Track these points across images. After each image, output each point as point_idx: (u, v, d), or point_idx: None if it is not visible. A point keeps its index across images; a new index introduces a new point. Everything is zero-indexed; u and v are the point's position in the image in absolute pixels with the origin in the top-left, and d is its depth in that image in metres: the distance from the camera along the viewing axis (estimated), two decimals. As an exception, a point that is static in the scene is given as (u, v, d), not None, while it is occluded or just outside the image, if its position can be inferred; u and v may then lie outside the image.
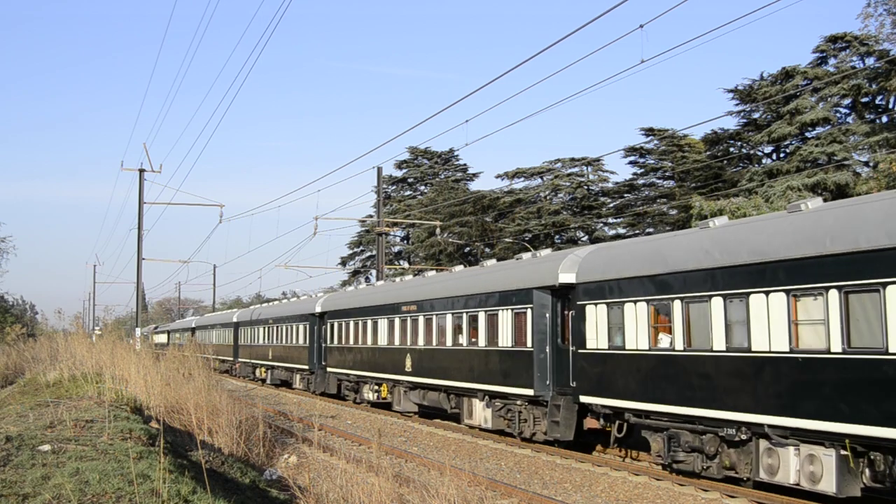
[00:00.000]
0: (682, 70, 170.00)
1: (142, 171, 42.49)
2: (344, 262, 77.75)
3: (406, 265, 68.34)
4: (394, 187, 73.61)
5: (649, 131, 55.28)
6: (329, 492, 11.13)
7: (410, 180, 74.24)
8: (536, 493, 14.76)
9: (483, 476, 15.21)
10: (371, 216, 65.02)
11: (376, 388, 29.84)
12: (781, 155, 45.92)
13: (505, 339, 21.15)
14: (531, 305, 20.01)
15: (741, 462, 14.52)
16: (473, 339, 22.99)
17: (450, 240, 60.67)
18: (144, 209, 42.21)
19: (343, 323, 33.89)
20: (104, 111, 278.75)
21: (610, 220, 59.03)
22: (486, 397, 22.14)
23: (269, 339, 46.80)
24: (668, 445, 15.64)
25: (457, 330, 23.91)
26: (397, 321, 28.22)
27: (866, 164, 40.71)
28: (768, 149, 46.94)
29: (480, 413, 22.65)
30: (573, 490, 15.55)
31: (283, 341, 42.28)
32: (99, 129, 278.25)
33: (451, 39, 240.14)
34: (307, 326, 37.87)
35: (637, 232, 52.37)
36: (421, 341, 26.04)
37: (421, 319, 26.00)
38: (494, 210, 61.70)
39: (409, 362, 26.97)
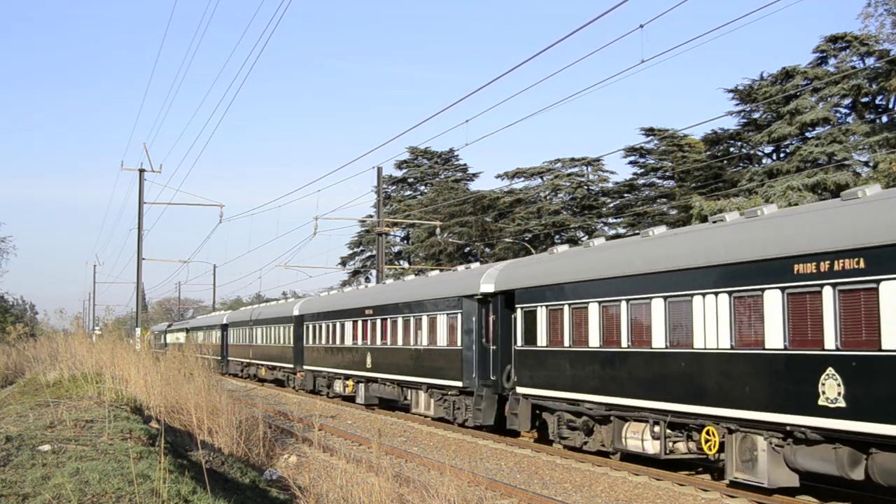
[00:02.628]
0: (682, 70, 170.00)
1: (142, 171, 42.51)
2: (344, 262, 77.79)
3: (406, 265, 68.36)
4: (394, 187, 73.63)
5: (649, 131, 55.30)
6: (329, 492, 11.12)
7: (410, 180, 74.25)
8: (536, 493, 14.76)
9: (483, 476, 15.21)
10: (371, 216, 65.04)
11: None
12: (781, 155, 45.93)
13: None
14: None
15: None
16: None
17: (450, 240, 60.70)
18: (144, 209, 42.28)
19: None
20: (104, 111, 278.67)
21: (610, 220, 59.06)
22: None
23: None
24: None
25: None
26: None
27: (866, 164, 40.71)
28: (768, 149, 46.95)
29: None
30: (573, 490, 15.55)
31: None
32: (99, 129, 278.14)
33: (451, 39, 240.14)
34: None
35: (637, 232, 52.35)
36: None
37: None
38: (494, 210, 61.71)
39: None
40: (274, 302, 52.90)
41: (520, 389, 20.52)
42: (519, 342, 20.81)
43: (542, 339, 19.66)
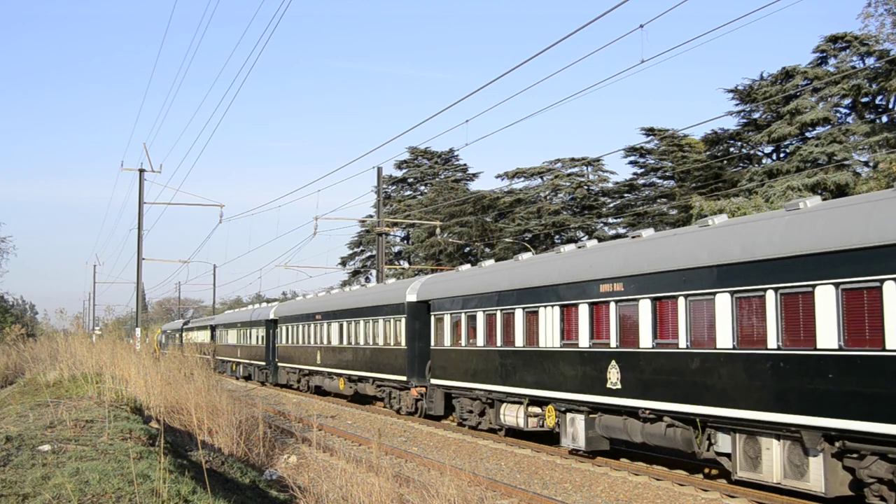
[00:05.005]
0: (682, 70, 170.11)
1: (142, 171, 42.49)
2: (344, 263, 77.76)
3: (406, 265, 68.35)
4: (394, 187, 73.60)
5: (649, 131, 55.27)
6: (329, 492, 11.12)
7: (410, 180, 74.23)
8: (536, 493, 14.75)
9: (483, 476, 15.22)
10: (371, 216, 65.04)
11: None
12: (781, 155, 45.91)
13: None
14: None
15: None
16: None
17: (450, 240, 60.66)
18: (144, 209, 42.22)
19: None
20: (104, 111, 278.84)
21: (610, 220, 59.04)
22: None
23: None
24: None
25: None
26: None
27: (866, 164, 40.69)
28: (768, 149, 46.93)
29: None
30: (573, 490, 15.55)
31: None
32: (99, 129, 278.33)
33: (451, 39, 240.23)
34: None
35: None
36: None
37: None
38: (494, 210, 61.69)
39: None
40: (359, 287, 39.43)
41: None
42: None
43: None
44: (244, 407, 21.23)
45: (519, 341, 20.51)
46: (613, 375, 16.56)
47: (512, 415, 20.88)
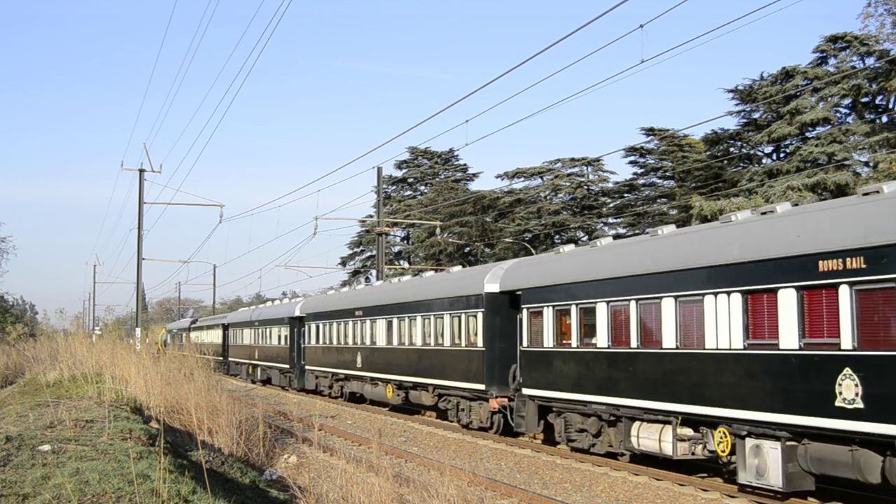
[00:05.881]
0: (682, 70, 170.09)
1: (142, 171, 42.50)
2: (344, 263, 77.77)
3: (406, 265, 68.33)
4: (394, 187, 73.61)
5: (649, 131, 55.27)
6: (329, 492, 11.12)
7: (410, 180, 74.23)
8: (536, 493, 14.75)
9: (483, 476, 15.21)
10: (371, 216, 65.02)
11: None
12: (781, 155, 45.90)
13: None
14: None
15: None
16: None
17: (450, 240, 60.66)
18: (144, 209, 42.23)
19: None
20: (104, 111, 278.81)
21: (610, 220, 59.04)
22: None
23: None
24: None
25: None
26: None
27: (866, 164, 40.69)
28: (768, 149, 46.92)
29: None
30: (573, 490, 15.54)
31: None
32: (99, 129, 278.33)
33: (451, 39, 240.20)
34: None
35: (637, 231, 52.35)
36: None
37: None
38: (494, 210, 61.69)
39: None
40: (412, 278, 31.18)
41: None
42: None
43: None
44: (244, 407, 21.23)
45: (668, 341, 15.52)
46: (849, 389, 11.94)
47: (651, 437, 15.99)
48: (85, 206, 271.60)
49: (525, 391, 20.38)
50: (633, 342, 16.51)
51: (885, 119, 43.34)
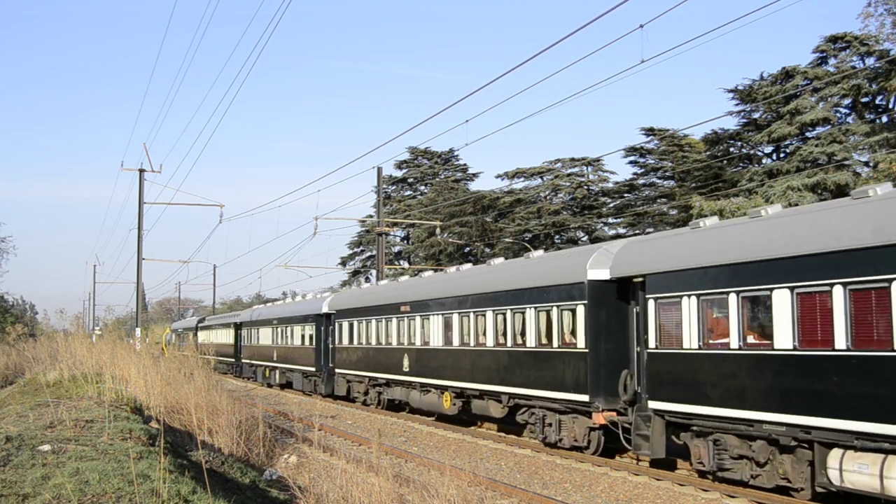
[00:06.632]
0: (682, 70, 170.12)
1: (142, 171, 42.50)
2: (344, 263, 77.78)
3: (406, 265, 68.33)
4: (394, 187, 73.61)
5: (649, 131, 55.28)
6: (329, 492, 11.12)
7: (410, 180, 74.24)
8: (536, 493, 14.75)
9: (483, 476, 15.21)
10: (371, 216, 65.03)
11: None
12: (781, 155, 45.90)
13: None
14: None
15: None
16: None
17: (450, 240, 60.65)
18: (144, 209, 42.22)
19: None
20: (104, 111, 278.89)
21: (610, 220, 59.04)
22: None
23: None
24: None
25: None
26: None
27: (866, 164, 40.68)
28: (768, 149, 46.92)
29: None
30: (573, 490, 15.55)
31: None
32: (99, 129, 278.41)
33: (451, 39, 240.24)
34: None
35: (637, 232, 52.33)
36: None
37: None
38: (494, 210, 61.69)
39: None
40: (473, 267, 27.36)
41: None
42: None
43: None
44: (244, 407, 21.23)
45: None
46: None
47: (865, 470, 11.99)
48: (85, 206, 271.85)
49: (652, 405, 16.07)
50: (840, 342, 12.36)
51: (885, 119, 43.33)
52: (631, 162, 57.57)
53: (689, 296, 15.35)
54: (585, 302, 18.21)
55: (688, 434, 15.62)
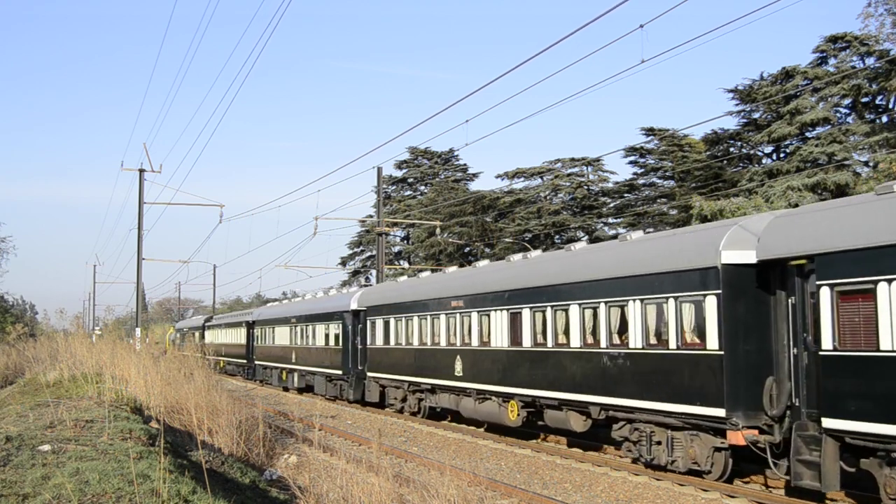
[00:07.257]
0: (682, 70, 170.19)
1: (142, 171, 42.48)
2: (344, 263, 77.78)
3: (406, 265, 68.34)
4: (394, 187, 73.62)
5: (649, 131, 55.28)
6: (329, 492, 11.12)
7: (410, 180, 74.25)
8: (536, 493, 14.75)
9: (483, 476, 15.21)
10: (371, 216, 65.03)
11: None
12: (781, 155, 45.91)
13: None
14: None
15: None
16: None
17: (450, 240, 60.66)
18: (144, 209, 42.20)
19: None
20: (104, 111, 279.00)
21: (610, 220, 59.06)
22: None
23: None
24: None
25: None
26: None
27: (866, 164, 40.69)
28: (768, 149, 46.93)
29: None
30: (573, 490, 15.54)
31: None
32: (99, 129, 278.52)
33: (451, 39, 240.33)
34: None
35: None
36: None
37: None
38: (494, 210, 61.70)
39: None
40: (541, 254, 24.05)
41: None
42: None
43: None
44: (244, 407, 21.23)
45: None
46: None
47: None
48: (85, 206, 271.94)
49: (826, 423, 12.56)
50: None
51: (885, 119, 43.33)
52: (631, 162, 57.64)
53: (889, 280, 11.65)
54: (719, 291, 14.53)
55: (875, 461, 12.14)
